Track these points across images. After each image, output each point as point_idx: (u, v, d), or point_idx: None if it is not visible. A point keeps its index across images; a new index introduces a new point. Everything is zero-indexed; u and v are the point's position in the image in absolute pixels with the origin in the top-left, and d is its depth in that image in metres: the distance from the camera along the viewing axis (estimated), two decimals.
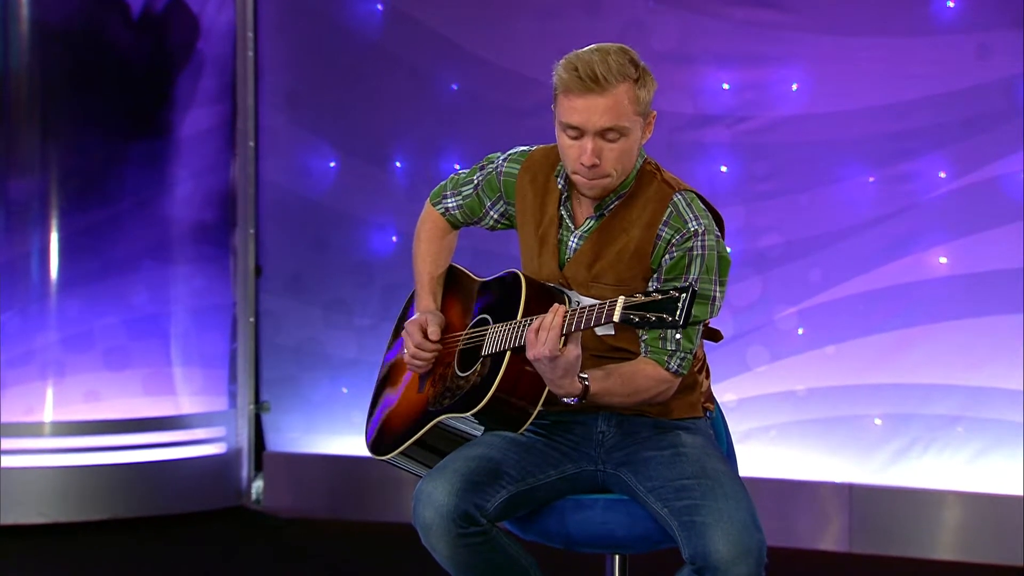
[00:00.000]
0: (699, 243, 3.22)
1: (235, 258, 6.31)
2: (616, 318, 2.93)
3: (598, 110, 3.16)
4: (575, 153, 3.21)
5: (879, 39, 5.43)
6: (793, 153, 5.57)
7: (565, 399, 3.12)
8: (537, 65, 5.80)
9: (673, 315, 2.90)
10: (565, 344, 3.06)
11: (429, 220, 3.59)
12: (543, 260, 3.35)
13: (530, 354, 3.08)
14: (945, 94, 5.35)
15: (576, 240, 3.32)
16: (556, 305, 3.06)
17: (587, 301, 3.15)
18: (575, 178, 3.25)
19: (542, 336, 3.06)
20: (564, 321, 3.04)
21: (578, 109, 3.18)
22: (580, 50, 3.22)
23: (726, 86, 5.63)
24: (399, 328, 3.60)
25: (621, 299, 2.95)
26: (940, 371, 5.38)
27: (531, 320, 3.14)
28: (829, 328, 5.54)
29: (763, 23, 5.55)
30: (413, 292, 3.60)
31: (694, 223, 3.24)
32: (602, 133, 3.18)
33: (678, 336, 3.19)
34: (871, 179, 5.47)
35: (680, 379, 3.25)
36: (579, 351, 3.07)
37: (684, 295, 2.90)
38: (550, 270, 3.33)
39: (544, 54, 5.38)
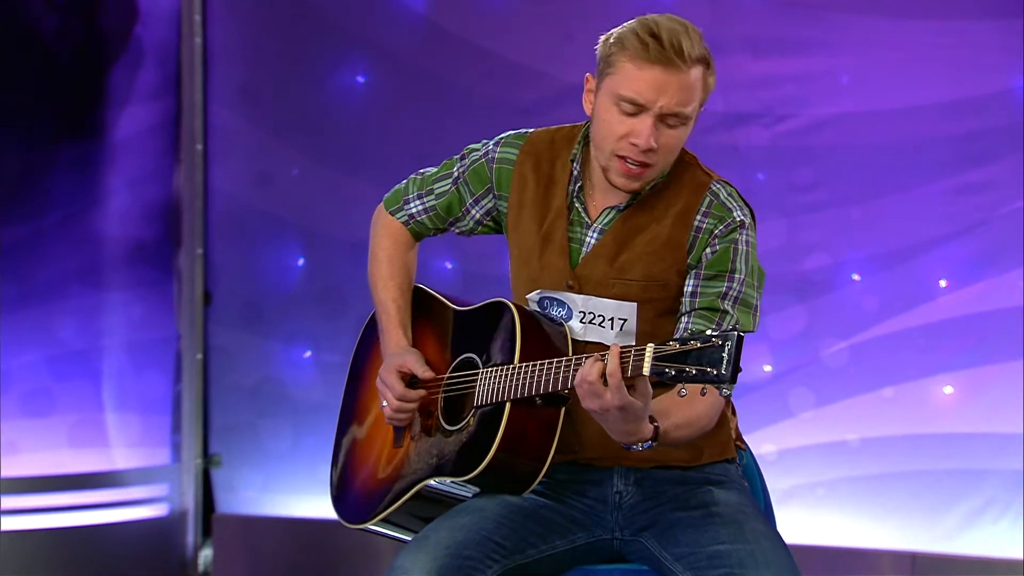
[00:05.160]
0: (744, 237, 3.28)
1: (180, 283, 6.32)
2: (646, 371, 2.92)
3: (672, 88, 3.18)
4: (625, 130, 3.21)
5: (946, 22, 5.45)
6: (843, 158, 5.59)
7: (634, 447, 3.09)
8: (539, 54, 5.86)
9: (718, 368, 2.88)
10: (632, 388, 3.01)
11: (387, 235, 3.61)
12: (547, 260, 3.34)
13: (592, 405, 3.02)
14: None
15: (595, 235, 3.33)
16: (613, 346, 2.99)
17: (605, 303, 3.19)
18: (616, 164, 3.24)
19: (595, 388, 2.98)
20: (621, 364, 2.98)
21: (648, 82, 3.18)
22: (652, 16, 3.22)
23: (763, 78, 5.65)
24: (356, 362, 3.61)
25: (650, 348, 2.93)
26: (1021, 418, 5.36)
27: (533, 367, 3.14)
28: (886, 366, 5.54)
29: (807, 3, 5.56)
30: (370, 319, 3.61)
31: (739, 212, 3.29)
32: (664, 117, 3.19)
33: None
34: (937, 189, 5.48)
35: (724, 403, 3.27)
36: (650, 392, 3.03)
37: (729, 344, 2.88)
38: (558, 271, 3.33)
39: (546, 41, 5.36)
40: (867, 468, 5.55)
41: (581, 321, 3.28)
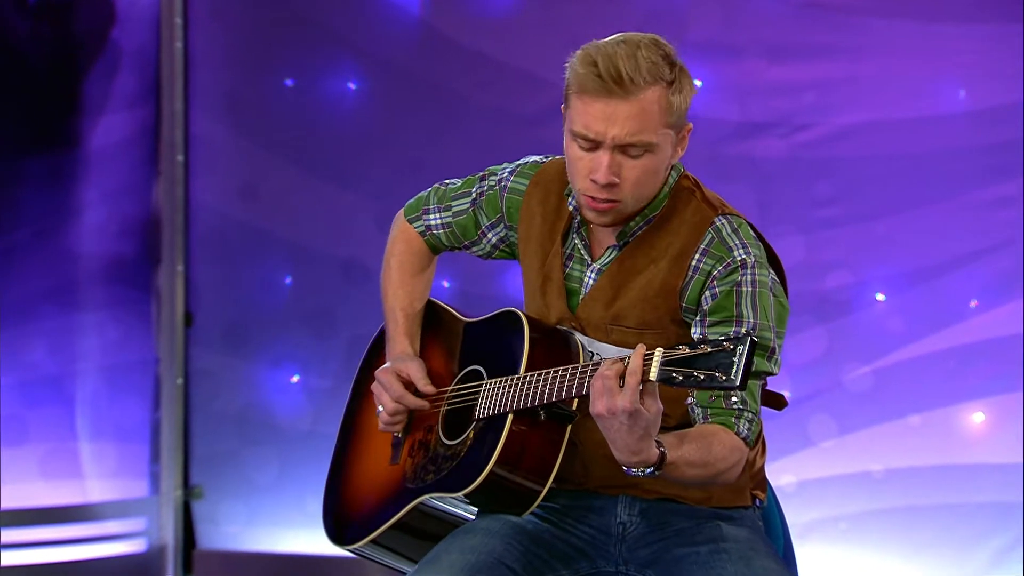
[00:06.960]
0: (748, 276, 3.22)
1: (159, 303, 6.33)
2: (653, 376, 2.92)
3: (619, 119, 3.17)
4: (585, 167, 3.21)
5: (972, 26, 5.46)
6: (865, 170, 5.60)
7: (634, 471, 3.06)
8: (542, 59, 5.85)
9: (728, 373, 2.88)
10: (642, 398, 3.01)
11: (403, 242, 3.61)
12: (549, 300, 3.36)
13: (601, 407, 2.99)
14: None
15: (594, 275, 3.32)
16: (639, 346, 3.00)
17: (605, 348, 3.21)
18: (582, 200, 3.25)
19: (610, 384, 2.97)
20: (643, 365, 2.97)
21: (594, 115, 3.18)
22: (602, 40, 3.22)
23: (780, 85, 5.65)
24: (361, 379, 3.62)
25: (659, 352, 2.94)
26: None
27: (539, 375, 3.15)
28: (913, 392, 5.55)
29: (827, 5, 5.57)
30: (380, 332, 3.61)
31: (740, 251, 3.24)
32: (623, 147, 3.18)
33: (741, 393, 3.17)
34: (966, 203, 5.48)
35: (749, 451, 3.22)
36: (660, 406, 3.01)
37: (741, 347, 2.88)
38: (559, 312, 3.34)
39: (551, 46, 5.33)
40: (892, 501, 5.55)
41: (591, 360, 3.28)
